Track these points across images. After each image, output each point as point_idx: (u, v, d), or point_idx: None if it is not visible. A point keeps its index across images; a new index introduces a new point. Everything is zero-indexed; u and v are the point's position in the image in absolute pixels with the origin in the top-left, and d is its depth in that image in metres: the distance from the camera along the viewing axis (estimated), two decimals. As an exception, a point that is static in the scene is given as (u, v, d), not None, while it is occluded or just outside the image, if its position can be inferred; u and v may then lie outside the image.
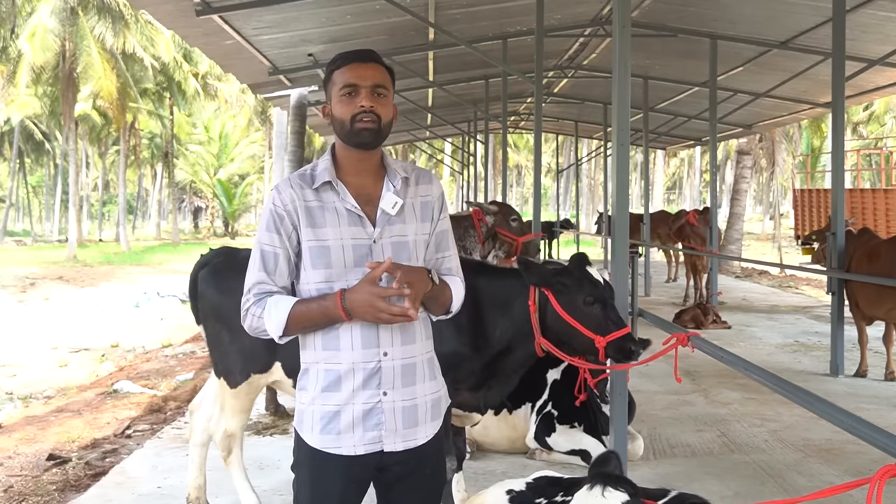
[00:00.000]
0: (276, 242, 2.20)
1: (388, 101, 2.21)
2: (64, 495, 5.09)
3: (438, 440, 2.31)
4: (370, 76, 2.17)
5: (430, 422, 2.27)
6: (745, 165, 22.24)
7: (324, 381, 2.20)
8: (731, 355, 3.42)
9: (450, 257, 2.36)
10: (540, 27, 9.69)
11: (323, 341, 2.20)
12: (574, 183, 36.53)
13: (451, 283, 2.31)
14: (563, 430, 5.10)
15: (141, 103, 39.62)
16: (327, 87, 2.24)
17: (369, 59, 2.20)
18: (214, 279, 3.95)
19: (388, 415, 2.19)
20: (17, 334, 13.32)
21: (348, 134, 2.18)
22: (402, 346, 2.21)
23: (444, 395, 2.37)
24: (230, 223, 51.79)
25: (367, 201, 2.21)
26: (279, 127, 22.55)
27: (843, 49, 8.29)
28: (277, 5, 8.28)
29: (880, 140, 36.84)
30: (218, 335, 3.92)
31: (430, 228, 2.30)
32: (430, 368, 2.31)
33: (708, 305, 11.75)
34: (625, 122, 4.57)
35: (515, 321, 3.45)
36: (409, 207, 2.25)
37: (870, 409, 6.54)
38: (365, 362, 2.17)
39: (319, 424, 2.19)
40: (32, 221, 54.78)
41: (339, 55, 2.24)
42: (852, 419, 2.50)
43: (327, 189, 2.20)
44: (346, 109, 2.16)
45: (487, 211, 7.43)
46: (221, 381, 3.94)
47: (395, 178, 2.25)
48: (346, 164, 2.24)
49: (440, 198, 2.34)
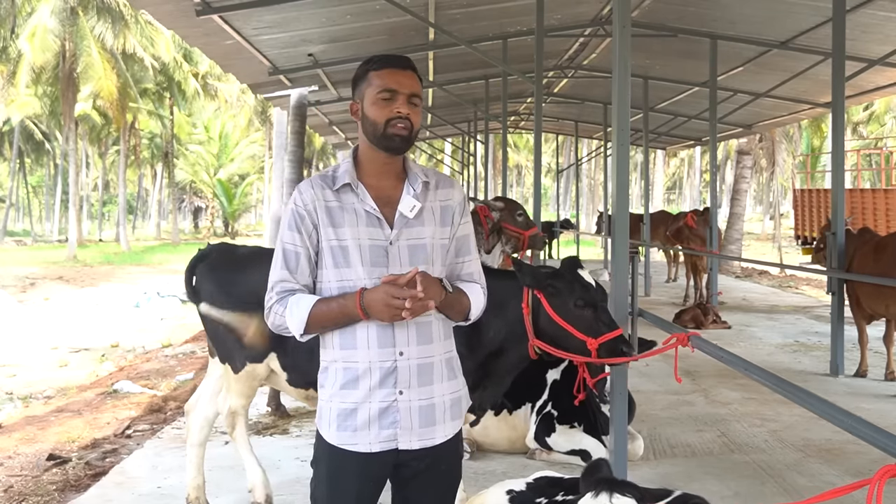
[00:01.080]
0: (297, 241, 2.24)
1: (420, 110, 2.26)
2: (64, 495, 5.09)
3: (456, 439, 2.33)
4: (408, 84, 2.21)
5: (448, 421, 2.29)
6: (745, 165, 22.24)
7: (342, 379, 2.23)
8: (731, 355, 3.42)
9: (470, 262, 2.39)
10: (540, 27, 9.69)
11: (341, 340, 2.24)
12: (574, 183, 36.54)
13: (470, 290, 2.35)
14: (562, 431, 5.10)
15: (141, 103, 39.63)
16: (360, 86, 2.26)
17: (408, 66, 2.25)
18: (212, 274, 4.00)
19: (404, 414, 2.21)
20: (17, 334, 13.33)
21: (380, 137, 2.21)
22: (419, 346, 2.23)
23: (465, 395, 2.38)
24: (230, 223, 51.78)
25: (386, 203, 2.24)
26: (279, 127, 22.55)
27: (843, 49, 8.29)
28: (277, 5, 8.27)
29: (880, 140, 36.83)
30: (216, 328, 3.99)
31: (450, 233, 2.33)
32: (450, 368, 2.33)
33: (708, 305, 11.75)
34: (625, 122, 4.57)
35: (509, 322, 3.47)
36: (428, 211, 2.27)
37: (870, 409, 6.53)
38: (381, 361, 2.21)
39: (336, 421, 2.23)
40: (32, 221, 54.78)
41: (376, 56, 2.28)
42: (852, 419, 2.49)
43: (347, 190, 2.24)
44: (381, 113, 2.20)
45: (493, 207, 7.43)
46: (226, 366, 4.04)
47: (415, 181, 2.27)
48: (369, 166, 2.27)
49: (461, 203, 2.36)
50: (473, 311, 2.35)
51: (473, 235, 2.41)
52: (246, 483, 4.28)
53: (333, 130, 18.87)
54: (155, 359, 11.03)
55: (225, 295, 3.91)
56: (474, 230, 8.35)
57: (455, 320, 2.35)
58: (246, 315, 3.84)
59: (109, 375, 10.12)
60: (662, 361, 8.08)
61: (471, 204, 8.21)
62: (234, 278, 3.94)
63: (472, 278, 2.38)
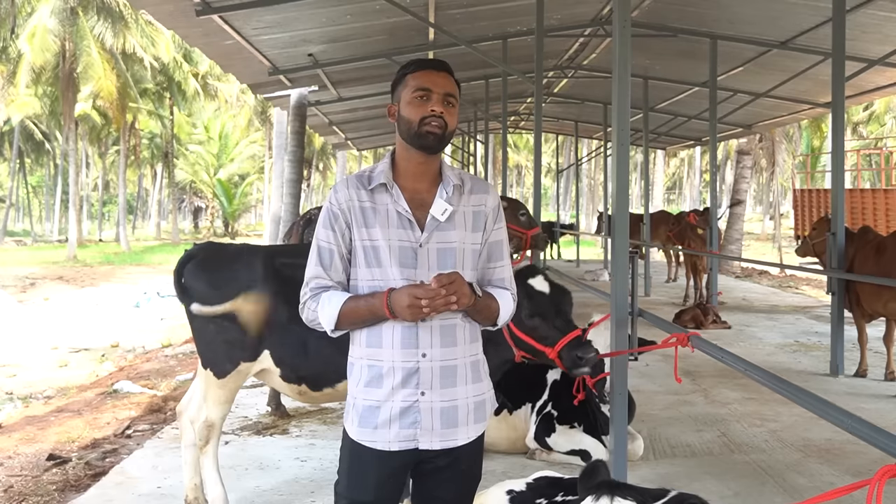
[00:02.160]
0: (331, 239, 2.29)
1: (455, 111, 2.29)
2: (64, 495, 5.09)
3: (479, 441, 2.36)
4: (443, 84, 2.26)
5: (472, 424, 2.31)
6: (745, 165, 22.23)
7: (367, 377, 2.28)
8: (731, 355, 3.42)
9: (502, 268, 2.40)
10: (540, 27, 9.69)
11: (367, 338, 2.28)
12: (574, 183, 36.52)
13: (500, 296, 2.36)
14: (562, 431, 5.10)
15: (141, 103, 39.63)
16: (397, 89, 2.31)
17: (443, 68, 2.31)
18: (201, 273, 3.98)
19: (425, 414, 2.24)
20: (17, 334, 13.33)
21: (414, 135, 2.25)
22: (442, 349, 2.26)
23: (490, 397, 2.40)
24: (230, 223, 51.77)
25: (419, 206, 2.28)
26: (279, 127, 22.57)
27: (843, 49, 8.29)
28: (277, 5, 8.27)
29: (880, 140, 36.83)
30: (204, 327, 3.97)
31: (482, 238, 2.35)
32: (475, 371, 2.35)
33: (708, 305, 11.76)
34: (625, 122, 4.57)
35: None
36: (459, 215, 2.30)
37: (870, 409, 6.54)
38: (404, 361, 2.24)
39: (359, 418, 2.27)
40: (32, 221, 54.78)
41: (414, 60, 2.34)
42: (852, 419, 2.49)
43: (382, 191, 2.28)
44: (416, 111, 2.24)
45: None
46: (207, 372, 3.99)
47: (448, 185, 2.30)
48: (405, 167, 2.31)
49: (495, 209, 2.38)
50: (502, 317, 2.37)
51: (507, 241, 2.43)
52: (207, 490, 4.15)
53: (333, 130, 18.87)
54: (155, 359, 11.03)
55: (214, 291, 3.90)
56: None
57: (483, 325, 2.38)
58: (239, 299, 3.85)
59: (109, 375, 10.12)
60: (662, 361, 8.08)
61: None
62: (223, 275, 3.94)
63: (503, 284, 2.39)
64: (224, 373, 3.94)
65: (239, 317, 3.85)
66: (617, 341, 4.40)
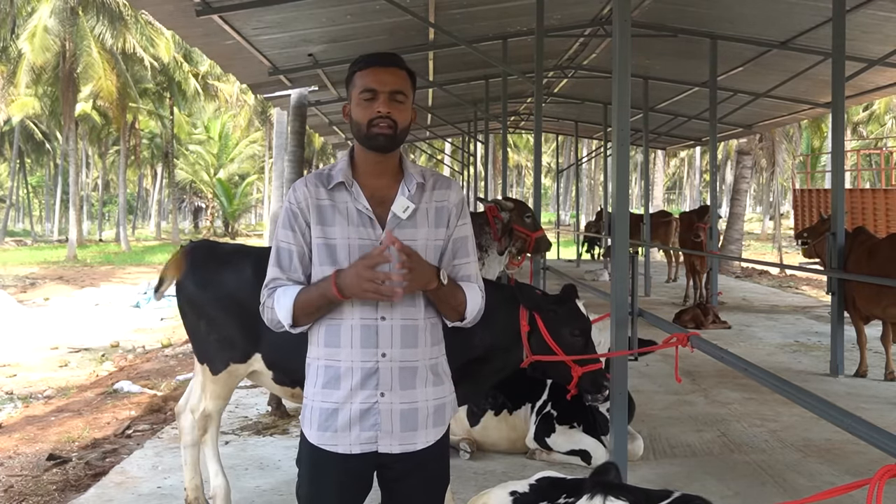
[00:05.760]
0: (290, 239, 2.25)
1: (406, 106, 2.22)
2: (64, 495, 5.09)
3: (442, 444, 2.31)
4: (390, 82, 2.19)
5: (431, 427, 2.26)
6: (745, 165, 22.24)
7: (324, 378, 2.23)
8: (731, 355, 3.42)
9: (468, 265, 2.34)
10: (540, 27, 9.69)
11: (325, 338, 2.23)
12: (574, 183, 36.53)
13: (468, 289, 2.30)
14: (562, 431, 5.10)
15: (141, 103, 39.62)
16: (348, 88, 2.26)
17: (391, 63, 2.22)
18: (193, 272, 3.97)
19: (385, 416, 2.19)
20: (17, 334, 13.31)
21: (364, 137, 2.21)
22: (402, 349, 2.21)
23: (451, 401, 2.35)
24: (230, 223, 51.75)
25: (380, 203, 2.23)
26: (279, 127, 22.58)
27: (843, 49, 8.29)
28: (277, 5, 8.27)
29: (880, 140, 36.86)
30: (196, 326, 3.97)
31: (445, 235, 2.30)
32: (436, 374, 2.29)
33: (708, 305, 11.75)
34: (625, 122, 4.57)
35: (494, 334, 3.52)
36: (422, 212, 2.25)
37: (870, 409, 6.53)
38: (363, 361, 2.19)
39: (318, 421, 2.23)
40: (32, 221, 54.81)
41: (361, 57, 2.25)
42: (852, 419, 2.50)
43: (341, 189, 2.24)
44: (363, 113, 2.19)
45: (503, 207, 7.36)
46: (204, 367, 4.01)
47: (410, 182, 2.26)
48: (364, 165, 2.27)
49: (458, 204, 2.33)
50: (470, 310, 2.30)
51: (472, 238, 2.38)
52: (208, 485, 4.18)
53: (333, 130, 18.87)
54: (155, 359, 11.02)
55: (203, 290, 3.90)
56: (482, 230, 8.18)
57: (451, 319, 2.31)
58: (227, 299, 3.83)
59: (109, 375, 10.12)
60: (662, 361, 8.08)
61: (479, 204, 8.20)
62: (217, 273, 3.93)
63: (469, 280, 2.33)
64: (217, 371, 3.95)
65: (227, 317, 3.85)
66: (617, 341, 4.40)
